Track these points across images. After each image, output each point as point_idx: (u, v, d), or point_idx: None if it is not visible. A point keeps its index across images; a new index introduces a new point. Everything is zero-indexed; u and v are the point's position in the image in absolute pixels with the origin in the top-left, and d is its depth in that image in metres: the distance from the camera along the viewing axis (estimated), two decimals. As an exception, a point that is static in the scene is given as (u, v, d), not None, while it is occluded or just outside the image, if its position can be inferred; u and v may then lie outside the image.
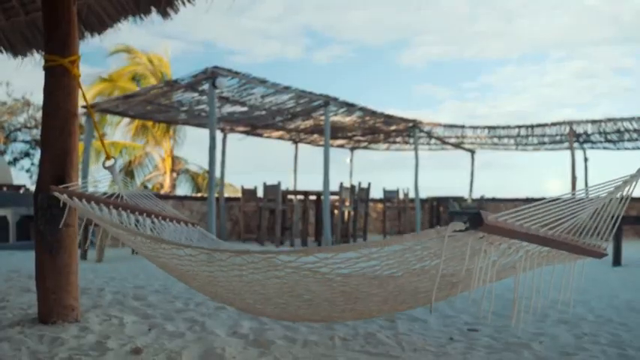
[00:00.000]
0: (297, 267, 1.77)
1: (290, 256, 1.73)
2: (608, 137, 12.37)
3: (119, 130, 17.24)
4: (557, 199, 1.57)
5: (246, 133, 12.00)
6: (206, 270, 2.05)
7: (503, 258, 1.58)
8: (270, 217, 9.56)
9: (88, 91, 15.89)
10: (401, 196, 11.44)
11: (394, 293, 1.89)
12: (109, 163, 2.97)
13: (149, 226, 2.82)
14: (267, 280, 1.91)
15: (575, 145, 12.44)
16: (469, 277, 1.66)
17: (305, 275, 1.81)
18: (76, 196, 2.66)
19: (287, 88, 8.66)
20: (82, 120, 10.04)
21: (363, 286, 1.82)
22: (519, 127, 12.40)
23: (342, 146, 14.24)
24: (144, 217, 2.85)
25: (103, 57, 16.96)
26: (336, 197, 9.35)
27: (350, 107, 9.80)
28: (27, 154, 20.79)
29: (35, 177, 3.43)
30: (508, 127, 12.48)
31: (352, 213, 9.40)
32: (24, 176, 20.84)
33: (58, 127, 2.92)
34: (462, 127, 12.66)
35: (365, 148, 14.59)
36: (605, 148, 12.97)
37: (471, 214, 1.36)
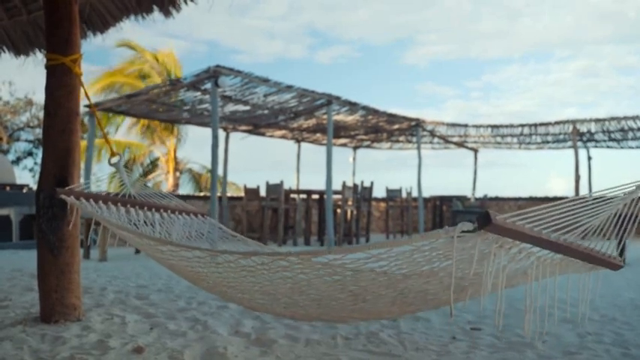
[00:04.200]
0: (305, 268, 1.77)
1: (299, 258, 1.72)
2: (612, 136, 12.34)
3: (122, 129, 17.26)
4: (570, 200, 1.52)
5: (249, 132, 12.00)
6: (215, 271, 2.04)
7: (513, 263, 1.55)
8: (272, 216, 9.55)
9: (94, 85, 15.90)
10: (404, 195, 11.42)
11: (403, 294, 1.88)
12: (114, 160, 2.96)
13: (158, 221, 2.80)
14: (277, 280, 1.91)
15: (579, 143, 12.40)
16: (478, 282, 1.64)
17: (314, 276, 1.81)
18: (83, 197, 2.63)
19: (289, 87, 8.66)
20: (85, 119, 10.06)
21: (372, 287, 1.82)
22: (522, 125, 12.37)
23: (344, 145, 14.23)
24: (152, 212, 2.83)
25: (107, 55, 16.83)
26: (338, 196, 9.34)
27: (353, 106, 9.79)
28: (30, 154, 20.84)
29: (38, 176, 3.44)
30: (511, 125, 12.45)
31: (355, 212, 9.38)
32: (27, 175, 20.90)
33: (60, 126, 2.92)
34: (465, 126, 12.64)
35: (368, 147, 14.57)
36: (608, 146, 12.93)
37: (479, 213, 1.35)
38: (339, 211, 9.25)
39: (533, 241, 1.46)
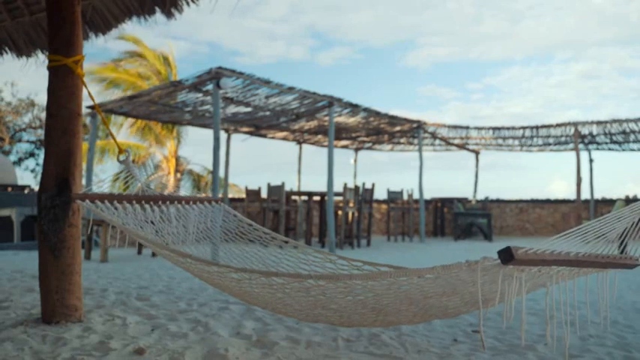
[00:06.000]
0: (326, 289, 1.78)
1: (319, 282, 1.74)
2: (614, 138, 12.32)
3: (123, 130, 17.25)
4: (585, 225, 1.59)
5: (250, 133, 12.00)
6: (236, 286, 2.06)
7: (534, 279, 1.59)
8: (274, 218, 9.55)
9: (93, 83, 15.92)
10: (405, 196, 11.41)
11: (424, 309, 1.91)
12: (122, 157, 2.95)
13: (174, 215, 2.79)
14: (299, 297, 1.94)
15: (581, 146, 12.39)
16: (500, 296, 1.67)
17: (335, 295, 1.83)
18: (98, 199, 2.62)
19: (291, 89, 8.65)
20: (87, 120, 10.06)
21: (394, 304, 1.84)
22: (524, 128, 12.37)
23: (346, 147, 14.22)
24: (167, 205, 2.82)
25: (108, 56, 16.80)
26: (340, 198, 9.33)
27: (354, 108, 9.78)
28: (32, 155, 20.87)
29: (40, 177, 3.45)
30: (513, 128, 12.45)
31: (356, 214, 9.38)
32: (29, 176, 20.94)
33: (62, 127, 2.92)
34: (467, 127, 12.63)
35: (369, 148, 14.57)
36: (610, 149, 12.92)
37: (502, 250, 1.37)
38: (340, 212, 9.24)
39: (553, 264, 1.50)
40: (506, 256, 1.35)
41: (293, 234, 9.68)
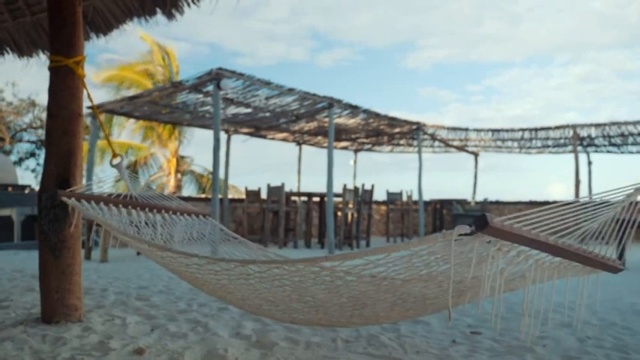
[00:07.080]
0: (302, 275, 1.76)
1: (296, 266, 1.72)
2: (612, 141, 12.35)
3: (125, 131, 17.27)
4: (568, 203, 1.52)
5: (250, 134, 12.01)
6: (214, 278, 2.05)
7: (511, 266, 1.53)
8: (273, 219, 9.56)
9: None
10: (404, 198, 11.43)
11: (402, 298, 1.88)
12: (115, 161, 2.96)
13: (160, 222, 2.80)
14: (274, 287, 1.91)
15: (579, 148, 12.41)
16: (477, 285, 1.63)
17: (312, 283, 1.81)
18: (84, 199, 2.63)
19: (291, 90, 8.66)
20: (87, 120, 10.07)
21: (370, 292, 1.82)
22: (523, 130, 12.40)
23: (345, 148, 14.24)
24: (154, 213, 2.83)
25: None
26: (339, 199, 9.34)
27: (354, 109, 9.80)
28: (32, 154, 20.90)
29: (40, 177, 3.48)
30: (512, 130, 12.47)
31: (355, 215, 9.39)
32: (29, 176, 20.96)
33: (63, 127, 2.93)
34: (466, 129, 12.65)
35: (369, 150, 14.59)
36: (608, 151, 12.94)
37: (477, 216, 1.34)
38: (339, 213, 9.25)
39: (530, 244, 1.44)
40: (481, 222, 1.32)
41: (292, 235, 9.69)
